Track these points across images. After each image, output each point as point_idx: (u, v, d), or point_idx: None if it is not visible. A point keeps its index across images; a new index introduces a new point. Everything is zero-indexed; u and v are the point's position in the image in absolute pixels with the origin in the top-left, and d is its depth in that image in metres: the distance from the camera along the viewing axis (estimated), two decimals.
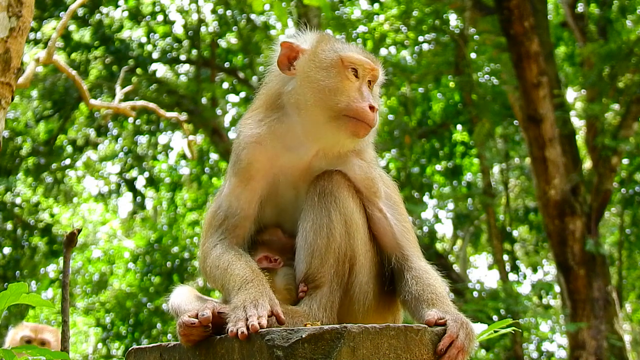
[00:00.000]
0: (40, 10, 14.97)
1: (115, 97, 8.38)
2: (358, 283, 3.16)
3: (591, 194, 13.04)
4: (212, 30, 18.30)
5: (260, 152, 3.22)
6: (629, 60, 13.25)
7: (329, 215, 3.10)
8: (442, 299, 3.05)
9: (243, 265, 3.02)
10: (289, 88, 3.23)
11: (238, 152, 3.26)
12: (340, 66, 3.19)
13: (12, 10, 3.71)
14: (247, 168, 3.22)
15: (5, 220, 17.37)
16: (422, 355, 2.77)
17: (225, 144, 16.91)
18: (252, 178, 3.22)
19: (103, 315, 19.62)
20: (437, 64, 16.14)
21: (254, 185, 3.22)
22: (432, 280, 3.13)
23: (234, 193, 3.22)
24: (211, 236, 3.23)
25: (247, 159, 3.22)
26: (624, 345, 13.03)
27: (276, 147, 3.22)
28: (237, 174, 3.23)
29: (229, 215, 3.21)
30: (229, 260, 3.07)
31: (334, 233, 3.09)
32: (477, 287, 18.29)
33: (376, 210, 3.24)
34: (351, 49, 3.27)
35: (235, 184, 3.23)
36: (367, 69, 3.22)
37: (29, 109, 17.52)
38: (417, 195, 17.10)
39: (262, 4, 7.64)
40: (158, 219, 21.29)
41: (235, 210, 3.21)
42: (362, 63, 3.21)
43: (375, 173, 3.31)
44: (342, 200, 3.14)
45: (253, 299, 2.83)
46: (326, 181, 3.16)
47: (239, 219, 3.21)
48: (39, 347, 3.19)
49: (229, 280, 3.00)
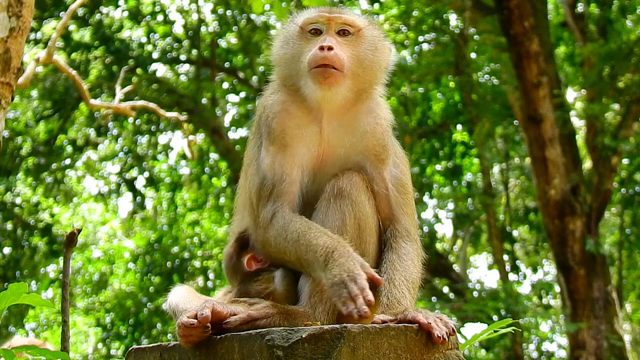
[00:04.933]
0: (40, 10, 14.96)
1: (115, 97, 8.38)
2: None
3: (591, 194, 13.03)
4: (212, 30, 18.29)
5: (289, 119, 3.26)
6: (629, 60, 13.24)
7: (343, 218, 3.09)
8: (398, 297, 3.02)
9: (316, 232, 2.98)
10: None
11: (269, 123, 3.28)
12: (301, 33, 3.30)
13: (12, 10, 3.71)
14: (281, 135, 3.24)
15: (5, 220, 17.37)
16: (422, 355, 2.77)
17: (225, 144, 16.91)
18: (288, 144, 3.23)
19: (103, 315, 19.61)
20: (437, 64, 16.12)
21: (291, 150, 3.22)
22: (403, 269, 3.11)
23: (276, 160, 3.21)
24: (264, 206, 3.18)
25: (280, 127, 3.25)
26: (624, 345, 13.03)
27: (300, 114, 3.27)
28: (273, 142, 3.24)
29: (276, 182, 3.18)
30: (299, 229, 3.02)
31: (345, 237, 3.05)
32: (477, 287, 18.30)
33: (379, 179, 3.23)
34: (308, 12, 3.35)
35: (274, 152, 3.23)
36: (323, 21, 3.27)
37: (29, 109, 17.51)
38: (417, 195, 17.10)
39: (262, 4, 7.65)
40: (158, 219, 21.28)
41: (281, 176, 3.19)
42: (315, 19, 3.28)
43: (389, 141, 3.32)
44: (359, 204, 3.12)
45: (349, 272, 2.80)
46: (344, 182, 3.14)
47: (286, 185, 3.18)
48: (39, 347, 3.19)
49: (306, 252, 2.95)
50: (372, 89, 3.36)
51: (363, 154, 3.26)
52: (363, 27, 3.32)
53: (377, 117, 3.32)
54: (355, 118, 3.30)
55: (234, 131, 18.21)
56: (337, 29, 3.26)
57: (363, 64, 3.26)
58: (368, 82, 3.31)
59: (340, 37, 3.25)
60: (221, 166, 18.89)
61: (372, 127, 3.29)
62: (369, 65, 3.29)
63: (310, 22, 3.29)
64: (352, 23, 3.29)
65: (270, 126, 3.26)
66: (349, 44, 3.26)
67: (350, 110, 3.30)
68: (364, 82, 3.29)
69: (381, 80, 3.39)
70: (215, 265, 19.39)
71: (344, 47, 3.23)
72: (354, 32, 3.29)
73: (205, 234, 19.93)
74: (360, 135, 3.27)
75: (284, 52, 3.33)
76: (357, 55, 3.25)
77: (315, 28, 3.27)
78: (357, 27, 3.30)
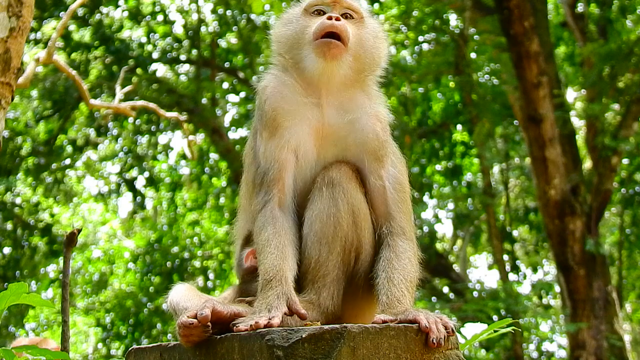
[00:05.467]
0: (40, 10, 14.96)
1: (115, 97, 8.38)
2: (363, 271, 3.17)
3: (591, 194, 13.03)
4: (212, 30, 18.30)
5: (282, 100, 3.29)
6: (629, 60, 13.25)
7: (336, 204, 3.12)
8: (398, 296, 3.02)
9: (272, 251, 3.04)
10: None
11: (261, 106, 3.32)
12: (305, 14, 3.35)
13: (12, 10, 3.72)
14: (273, 117, 3.26)
15: (5, 220, 17.37)
16: (422, 355, 2.77)
17: (225, 144, 16.91)
18: (280, 126, 3.24)
19: (103, 315, 19.61)
20: (437, 64, 16.12)
21: (282, 132, 3.24)
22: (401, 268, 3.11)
23: (267, 146, 3.24)
24: (257, 195, 3.23)
25: (272, 108, 3.27)
26: (624, 345, 13.03)
27: (295, 95, 3.29)
28: (265, 126, 3.27)
29: (267, 169, 3.21)
30: (265, 239, 3.08)
31: (341, 222, 3.11)
32: (477, 287, 18.30)
33: (376, 177, 3.25)
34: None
35: (266, 137, 3.26)
36: (328, 2, 3.32)
37: (29, 109, 17.51)
38: (417, 195, 17.10)
39: (262, 4, 7.66)
40: (158, 219, 21.28)
41: (271, 162, 3.22)
42: (321, 1, 3.34)
43: (388, 138, 3.34)
44: (350, 191, 3.15)
45: (269, 306, 2.87)
46: (334, 172, 3.18)
47: (276, 171, 3.20)
48: (38, 347, 3.18)
49: (260, 264, 3.05)
50: (370, 75, 3.40)
51: (362, 148, 3.26)
52: (365, 15, 3.39)
53: (377, 113, 3.33)
54: (353, 100, 3.32)
55: (234, 131, 18.22)
56: (341, 11, 3.31)
57: (365, 45, 3.31)
58: (368, 66, 3.35)
59: (344, 19, 3.30)
60: (221, 166, 18.89)
61: (372, 122, 3.30)
62: (370, 49, 3.34)
63: (315, 3, 3.35)
64: (355, 9, 3.36)
65: (263, 109, 3.30)
66: (352, 25, 3.31)
67: (349, 90, 3.32)
68: (363, 64, 3.32)
69: (378, 70, 3.43)
70: (215, 265, 19.40)
71: (349, 26, 3.28)
72: (357, 18, 3.35)
73: (205, 234, 19.93)
74: (361, 128, 3.28)
75: (286, 30, 3.37)
76: (359, 36, 3.30)
77: (319, 9, 3.32)
78: (360, 14, 3.36)
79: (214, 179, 19.36)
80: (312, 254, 3.10)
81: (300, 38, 3.29)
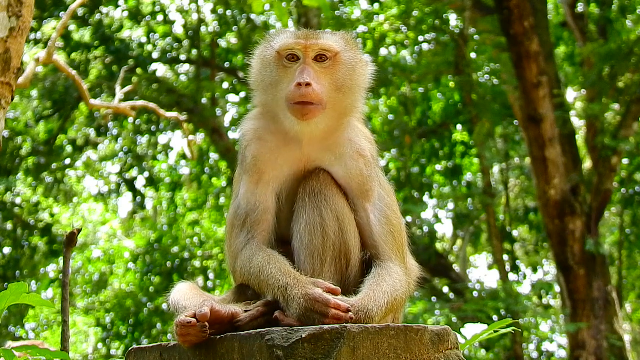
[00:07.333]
0: (40, 10, 14.96)
1: (115, 97, 8.38)
2: (354, 277, 3.17)
3: (591, 194, 13.03)
4: (212, 30, 18.30)
5: (263, 147, 3.30)
6: (629, 60, 13.25)
7: (320, 214, 3.13)
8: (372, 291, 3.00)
9: (273, 269, 3.02)
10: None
11: (243, 151, 3.34)
12: (278, 59, 3.29)
13: (12, 10, 3.72)
14: (254, 163, 3.27)
15: (5, 220, 17.37)
16: (422, 355, 2.77)
17: (225, 144, 16.91)
18: (262, 172, 3.26)
19: (103, 315, 19.60)
20: (437, 64, 16.12)
21: (265, 178, 3.26)
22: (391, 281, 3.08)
23: (249, 190, 3.26)
24: (237, 236, 3.24)
25: (252, 155, 3.29)
26: (624, 345, 13.03)
27: (276, 141, 3.30)
28: (247, 171, 3.29)
29: (249, 211, 3.23)
30: (260, 263, 3.08)
31: (327, 231, 3.11)
32: (477, 287, 18.29)
33: (361, 210, 3.25)
34: (285, 36, 3.34)
35: (248, 181, 3.27)
36: (300, 48, 3.25)
37: (29, 109, 17.51)
38: (417, 195, 17.10)
39: (262, 4, 7.64)
40: (158, 219, 21.28)
41: (254, 205, 3.23)
42: (292, 46, 3.26)
43: (372, 172, 3.31)
44: (332, 198, 3.17)
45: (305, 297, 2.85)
46: (314, 181, 3.20)
47: (259, 214, 3.22)
48: (38, 347, 3.18)
49: (266, 288, 3.01)
50: (353, 110, 3.37)
51: (345, 184, 3.26)
52: (340, 50, 3.30)
53: (359, 149, 3.31)
54: (335, 142, 3.30)
55: (234, 131, 18.22)
56: (314, 55, 3.25)
57: (342, 89, 3.27)
58: (349, 108, 3.33)
59: (317, 64, 3.24)
60: (221, 166, 18.89)
61: (355, 158, 3.29)
62: (348, 89, 3.29)
63: (287, 48, 3.27)
64: (329, 48, 3.26)
65: (245, 154, 3.32)
66: (327, 70, 3.25)
67: (332, 136, 3.31)
68: (344, 108, 3.31)
69: (361, 101, 3.41)
70: (215, 265, 19.40)
71: (322, 75, 3.22)
72: (331, 57, 3.27)
73: (205, 234, 19.93)
74: (344, 164, 3.27)
75: (262, 79, 3.34)
76: (335, 82, 3.25)
77: (292, 54, 3.26)
78: (334, 52, 3.28)
79: (214, 179, 19.36)
80: (306, 269, 3.10)
81: (277, 91, 3.26)
